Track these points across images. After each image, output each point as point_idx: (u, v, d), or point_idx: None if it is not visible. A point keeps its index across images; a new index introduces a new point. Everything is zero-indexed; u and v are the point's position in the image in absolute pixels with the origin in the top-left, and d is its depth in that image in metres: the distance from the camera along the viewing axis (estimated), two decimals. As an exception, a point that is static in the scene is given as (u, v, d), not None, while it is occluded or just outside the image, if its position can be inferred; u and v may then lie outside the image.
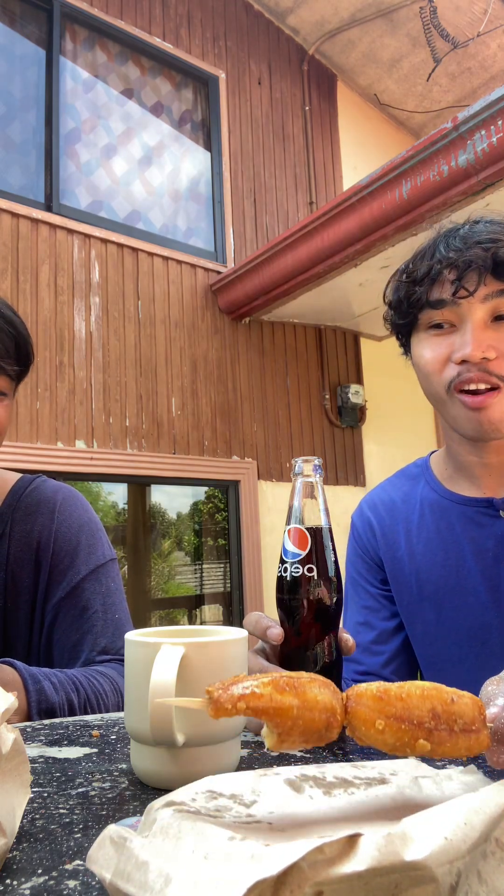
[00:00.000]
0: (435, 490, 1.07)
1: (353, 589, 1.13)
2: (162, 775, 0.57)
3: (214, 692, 0.45)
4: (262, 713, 0.44)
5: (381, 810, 0.39)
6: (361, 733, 0.47)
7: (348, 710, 0.48)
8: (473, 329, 0.90)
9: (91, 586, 1.08)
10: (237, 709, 0.44)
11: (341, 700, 0.48)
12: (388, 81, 6.39)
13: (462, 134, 3.49)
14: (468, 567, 0.99)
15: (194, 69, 5.36)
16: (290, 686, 0.46)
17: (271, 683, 0.46)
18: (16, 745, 0.43)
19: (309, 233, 4.36)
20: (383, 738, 0.46)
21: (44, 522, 1.09)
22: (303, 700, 0.46)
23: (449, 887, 0.30)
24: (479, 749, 0.47)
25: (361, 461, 5.71)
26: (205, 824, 0.32)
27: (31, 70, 4.55)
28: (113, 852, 0.32)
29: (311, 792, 0.41)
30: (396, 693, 0.48)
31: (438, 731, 0.46)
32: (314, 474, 0.77)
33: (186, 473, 4.66)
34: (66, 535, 1.10)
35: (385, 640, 1.08)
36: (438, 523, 1.04)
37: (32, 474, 1.19)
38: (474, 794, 0.34)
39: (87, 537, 1.11)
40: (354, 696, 0.48)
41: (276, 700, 0.45)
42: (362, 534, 1.14)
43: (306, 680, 0.47)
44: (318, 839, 0.29)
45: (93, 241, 4.49)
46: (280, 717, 0.45)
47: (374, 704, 0.47)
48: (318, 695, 0.46)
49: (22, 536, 1.08)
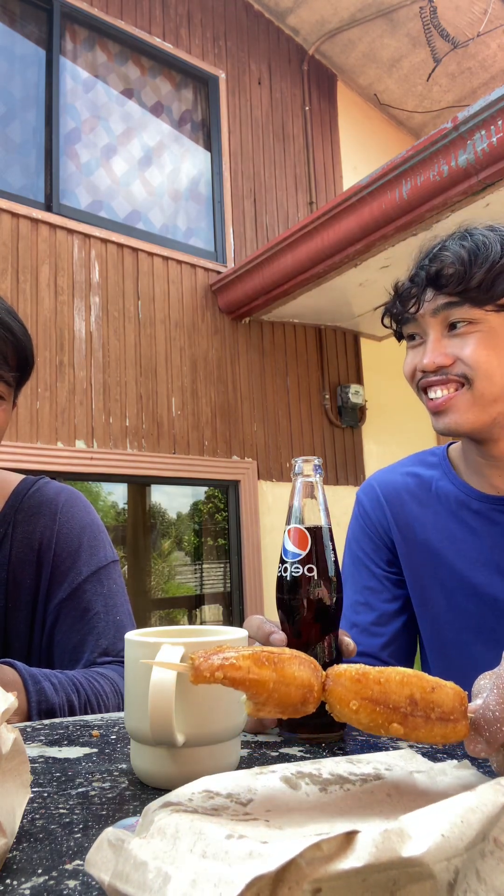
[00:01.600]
0: (453, 483, 1.09)
1: (355, 567, 1.14)
2: (162, 775, 0.57)
3: (196, 659, 0.48)
4: (239, 684, 0.47)
5: (377, 806, 0.39)
6: (337, 711, 0.49)
7: (326, 688, 0.50)
8: (430, 341, 0.99)
9: (92, 587, 1.08)
10: (215, 677, 0.46)
11: (320, 678, 0.50)
12: (388, 81, 6.38)
13: (462, 134, 3.49)
14: (484, 559, 1.01)
15: (194, 69, 5.36)
16: (269, 661, 0.48)
17: (251, 657, 0.48)
18: (16, 745, 0.43)
19: (309, 233, 4.36)
20: (357, 717, 0.48)
21: (46, 524, 1.10)
22: (280, 675, 0.48)
23: (447, 884, 0.30)
24: (457, 738, 0.49)
25: (361, 461, 5.71)
26: (202, 823, 0.32)
27: (31, 70, 4.55)
28: (111, 854, 0.33)
29: (307, 789, 0.41)
30: (375, 677, 0.49)
31: (414, 717, 0.47)
32: (314, 474, 0.77)
33: (186, 473, 4.66)
34: (67, 537, 1.10)
35: (385, 623, 1.09)
36: (457, 514, 1.06)
37: (33, 474, 1.19)
38: (471, 793, 0.34)
39: (88, 539, 1.11)
40: (333, 675, 0.50)
41: (254, 673, 0.47)
42: (370, 512, 1.14)
43: (287, 656, 0.49)
44: (316, 836, 0.29)
45: (93, 241, 4.49)
46: (256, 689, 0.47)
47: (350, 685, 0.49)
48: (296, 671, 0.48)
49: (24, 538, 1.08)
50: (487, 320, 0.95)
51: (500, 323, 0.95)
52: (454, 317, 0.97)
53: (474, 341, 0.95)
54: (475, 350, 0.95)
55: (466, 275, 0.94)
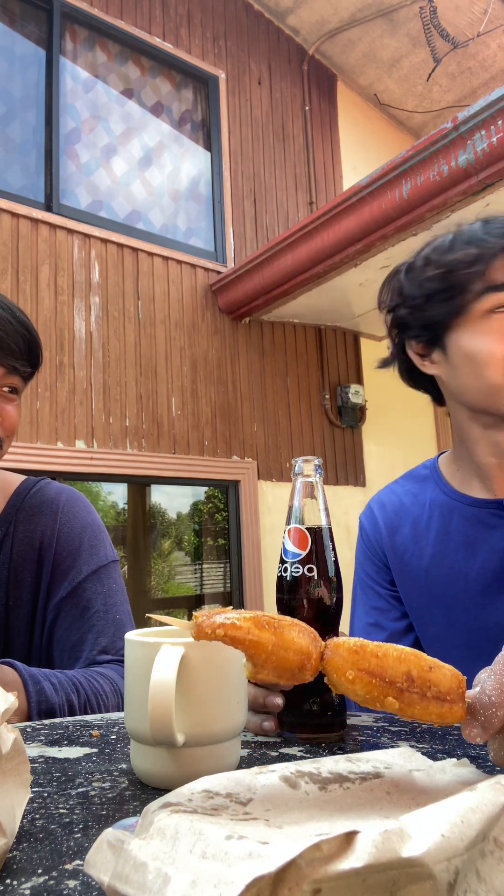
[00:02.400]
0: (444, 492, 1.06)
1: (363, 590, 1.13)
2: (162, 775, 0.57)
3: (199, 618, 0.51)
4: (239, 643, 0.49)
5: (376, 804, 0.39)
6: (334, 680, 0.50)
7: (324, 657, 0.51)
8: None
9: (92, 586, 1.08)
10: (216, 635, 0.49)
11: (319, 647, 0.51)
12: (388, 81, 6.38)
13: (462, 134, 3.49)
14: (478, 568, 0.99)
15: (194, 69, 5.36)
16: (269, 624, 0.50)
17: (253, 619, 0.50)
18: (16, 745, 0.43)
19: (309, 233, 4.36)
20: (353, 688, 0.49)
21: (47, 523, 1.10)
22: (280, 639, 0.49)
23: (447, 885, 0.30)
24: (453, 719, 0.49)
25: (361, 461, 5.71)
26: (202, 824, 0.32)
27: (31, 70, 4.55)
28: (110, 855, 0.33)
29: (306, 788, 0.41)
30: (373, 650, 0.50)
31: (410, 692, 0.48)
32: (314, 474, 0.77)
33: (186, 473, 4.67)
34: (68, 536, 1.11)
35: (396, 641, 1.07)
36: (448, 525, 1.03)
37: (33, 474, 1.21)
38: (471, 793, 0.34)
39: (89, 538, 1.12)
40: (332, 645, 0.51)
41: (254, 634, 0.49)
42: (371, 534, 1.13)
43: (287, 623, 0.51)
44: (316, 837, 0.29)
45: (93, 241, 4.49)
46: (255, 650, 0.49)
47: (348, 656, 0.50)
48: (295, 637, 0.50)
49: (25, 536, 1.09)
50: None
51: None
52: None
53: None
54: None
55: None
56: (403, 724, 0.78)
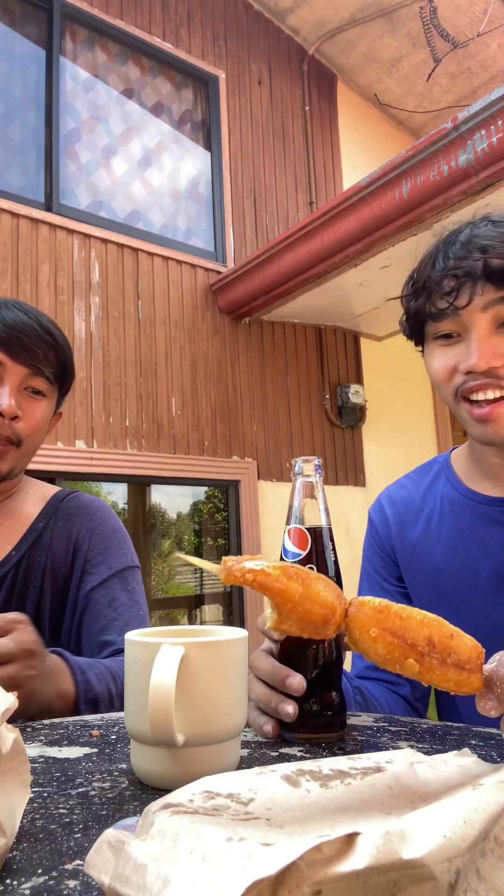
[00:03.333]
0: (456, 488, 1.05)
1: (369, 585, 1.12)
2: (162, 775, 0.57)
3: (229, 561, 0.51)
4: (267, 589, 0.50)
5: (378, 799, 0.39)
6: (356, 637, 0.51)
7: (348, 613, 0.52)
8: (478, 339, 0.89)
9: (118, 583, 1.20)
10: (245, 579, 0.50)
11: (343, 604, 0.52)
12: (388, 81, 6.38)
13: (462, 134, 3.49)
14: (490, 566, 0.98)
15: (194, 69, 5.36)
16: (297, 576, 0.51)
17: (281, 568, 0.51)
18: (16, 745, 0.43)
19: (309, 233, 4.36)
20: (375, 647, 0.50)
21: (83, 522, 1.23)
22: (306, 590, 0.50)
23: (448, 886, 0.30)
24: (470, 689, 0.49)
25: (361, 461, 5.71)
26: (202, 826, 0.32)
27: (31, 70, 4.55)
28: (111, 856, 0.32)
29: (307, 786, 0.41)
30: (397, 612, 0.51)
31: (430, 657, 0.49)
32: (314, 474, 0.77)
33: (186, 473, 4.67)
34: (101, 535, 1.23)
35: None
36: (459, 522, 1.02)
37: (33, 474, 1.31)
38: (474, 792, 0.34)
39: (118, 542, 1.25)
40: (357, 603, 0.52)
41: (282, 582, 0.49)
42: (380, 529, 1.12)
43: (314, 576, 0.52)
44: (317, 838, 0.29)
45: (93, 241, 4.49)
46: (282, 598, 0.50)
47: (372, 615, 0.51)
48: (321, 591, 0.51)
49: (64, 530, 1.22)
50: None
51: None
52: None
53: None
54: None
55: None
56: (403, 725, 0.78)
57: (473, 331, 0.90)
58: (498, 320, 0.90)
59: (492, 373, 0.89)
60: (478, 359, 0.88)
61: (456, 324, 0.92)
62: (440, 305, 0.92)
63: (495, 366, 0.88)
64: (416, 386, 6.06)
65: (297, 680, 0.71)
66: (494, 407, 0.89)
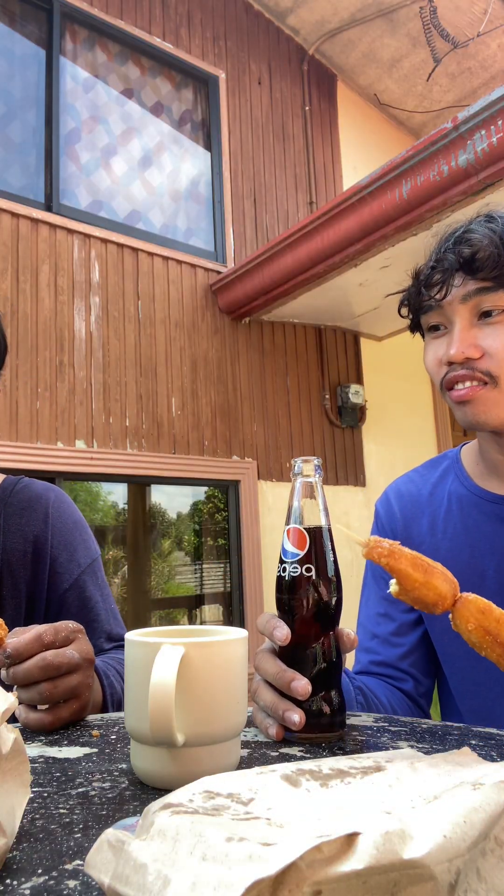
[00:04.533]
0: (464, 485, 1.05)
1: (374, 580, 1.12)
2: (162, 775, 0.57)
3: (371, 542, 0.66)
4: (396, 572, 0.64)
5: (378, 799, 0.39)
6: (457, 623, 0.65)
7: (455, 604, 0.65)
8: (458, 330, 0.92)
9: (89, 579, 1.16)
10: (380, 561, 0.65)
11: (454, 596, 0.65)
12: (388, 81, 6.39)
13: (462, 134, 3.49)
14: (496, 565, 0.98)
15: (194, 69, 5.36)
16: (421, 566, 0.65)
17: (411, 557, 0.65)
18: (16, 745, 0.43)
19: (309, 233, 4.36)
20: (470, 636, 0.64)
21: (39, 518, 1.15)
22: (426, 580, 0.64)
23: (448, 886, 0.30)
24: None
25: (361, 461, 5.71)
26: (202, 826, 0.32)
27: (31, 70, 4.55)
28: (111, 856, 0.32)
29: (307, 785, 0.41)
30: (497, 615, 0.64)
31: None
32: (314, 474, 0.77)
33: (186, 473, 4.66)
34: (62, 531, 1.17)
35: (405, 633, 1.06)
36: (466, 519, 1.02)
37: (33, 474, 1.28)
38: (475, 792, 0.34)
39: (80, 534, 1.19)
40: (464, 598, 0.65)
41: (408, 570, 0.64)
42: (385, 523, 1.12)
43: (438, 570, 0.65)
44: (317, 838, 0.29)
45: (93, 241, 4.49)
46: (406, 582, 0.64)
47: (475, 612, 0.64)
48: (438, 583, 0.65)
49: (17, 529, 1.14)
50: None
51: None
52: (487, 304, 0.91)
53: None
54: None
55: (501, 258, 0.88)
56: (403, 725, 0.78)
57: (455, 322, 0.93)
58: (477, 310, 0.92)
59: (468, 364, 0.91)
60: (455, 350, 0.91)
61: (441, 316, 0.95)
62: (425, 298, 0.96)
63: (472, 357, 0.91)
64: (416, 386, 6.06)
65: (303, 684, 0.70)
66: (471, 389, 0.92)
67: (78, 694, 0.77)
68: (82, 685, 0.78)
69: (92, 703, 0.87)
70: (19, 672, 0.74)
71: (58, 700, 0.75)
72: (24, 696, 0.75)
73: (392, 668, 1.04)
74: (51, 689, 0.74)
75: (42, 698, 0.74)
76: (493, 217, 0.95)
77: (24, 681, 0.74)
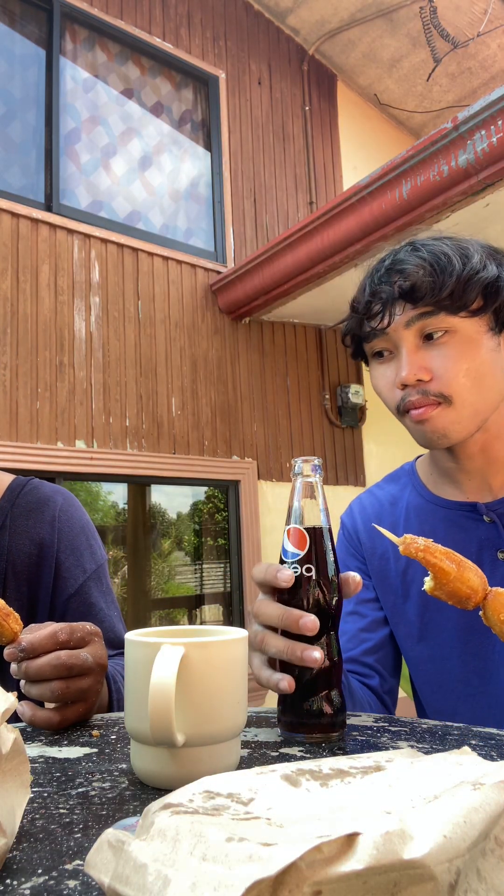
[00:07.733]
0: (421, 494, 1.09)
1: None
2: (162, 775, 0.57)
3: (408, 538, 0.68)
4: (431, 566, 0.67)
5: (379, 798, 0.39)
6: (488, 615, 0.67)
7: (487, 598, 0.67)
8: (406, 354, 0.96)
9: (94, 585, 1.15)
10: (416, 556, 0.67)
11: (485, 590, 0.68)
12: (388, 81, 6.39)
13: (462, 134, 3.49)
14: None
15: (194, 69, 5.36)
16: (455, 561, 0.68)
17: (446, 552, 0.68)
18: (16, 745, 0.43)
19: (309, 233, 4.36)
20: (500, 627, 0.66)
21: (47, 520, 1.14)
22: (459, 574, 0.67)
23: (448, 886, 0.30)
24: None
25: (361, 461, 5.71)
26: (202, 826, 0.32)
27: (31, 70, 4.55)
28: (111, 856, 0.32)
29: (307, 785, 0.41)
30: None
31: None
32: (314, 474, 0.77)
33: (186, 473, 4.66)
34: (69, 535, 1.15)
35: (374, 629, 1.09)
36: (423, 527, 1.06)
37: (33, 474, 1.26)
38: (475, 792, 0.34)
39: (87, 538, 1.18)
40: (495, 592, 0.68)
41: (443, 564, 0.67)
42: (351, 534, 1.16)
43: (468, 565, 0.68)
44: (317, 838, 0.29)
45: (93, 241, 4.49)
46: (440, 575, 0.67)
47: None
48: (471, 577, 0.67)
49: (23, 531, 1.12)
50: (463, 328, 0.95)
51: (474, 329, 0.95)
52: (429, 327, 0.95)
53: (453, 351, 0.94)
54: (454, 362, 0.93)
55: (436, 284, 0.93)
56: (403, 725, 0.78)
57: (402, 347, 0.97)
58: (422, 334, 0.97)
59: (420, 388, 0.95)
60: (407, 373, 0.95)
61: (386, 342, 1.00)
62: (371, 327, 1.00)
63: (423, 378, 0.95)
64: (416, 386, 6.06)
65: (312, 619, 0.71)
66: (426, 409, 0.96)
67: (86, 697, 0.77)
68: (92, 689, 0.78)
69: (97, 707, 0.88)
70: (31, 668, 0.74)
71: (67, 700, 0.76)
72: (35, 692, 0.75)
73: (359, 663, 1.07)
74: (63, 689, 0.74)
75: (53, 696, 0.74)
76: (417, 246, 0.99)
77: (34, 677, 0.74)
